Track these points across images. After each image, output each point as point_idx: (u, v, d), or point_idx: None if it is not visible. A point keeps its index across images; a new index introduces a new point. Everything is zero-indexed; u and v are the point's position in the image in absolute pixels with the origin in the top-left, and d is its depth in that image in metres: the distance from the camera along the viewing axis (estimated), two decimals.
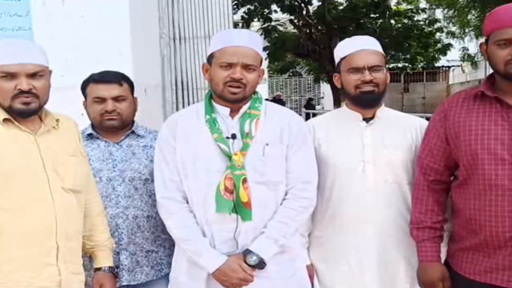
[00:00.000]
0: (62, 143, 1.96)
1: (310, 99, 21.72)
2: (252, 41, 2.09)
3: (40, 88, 1.87)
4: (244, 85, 2.04)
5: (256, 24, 13.75)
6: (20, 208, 1.80)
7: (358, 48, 2.23)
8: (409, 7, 15.03)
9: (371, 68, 2.19)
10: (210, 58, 2.12)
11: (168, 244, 2.35)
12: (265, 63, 15.53)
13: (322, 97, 24.23)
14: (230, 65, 2.03)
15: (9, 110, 1.85)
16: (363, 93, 2.21)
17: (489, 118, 1.94)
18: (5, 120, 1.85)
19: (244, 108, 2.11)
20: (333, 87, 12.29)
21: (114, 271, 2.17)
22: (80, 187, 1.99)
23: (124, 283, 2.29)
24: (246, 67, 2.04)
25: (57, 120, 1.97)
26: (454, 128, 2.01)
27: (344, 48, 2.29)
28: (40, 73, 1.87)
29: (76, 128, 2.10)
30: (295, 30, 13.87)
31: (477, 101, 1.99)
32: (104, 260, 2.14)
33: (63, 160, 1.93)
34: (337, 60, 2.32)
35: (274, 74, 20.09)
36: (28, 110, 1.86)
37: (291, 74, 21.47)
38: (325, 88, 20.44)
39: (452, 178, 2.13)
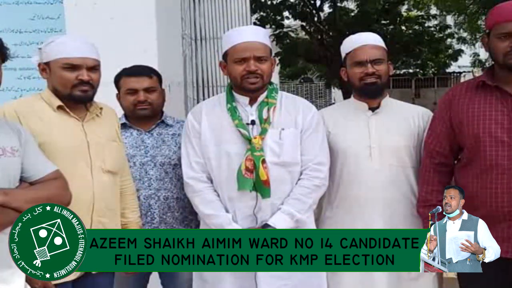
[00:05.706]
0: (104, 129, 2.18)
1: None
2: (258, 34, 2.29)
3: (96, 79, 2.12)
4: (260, 75, 2.25)
5: (268, 31, 13.89)
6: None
7: (361, 44, 2.40)
8: (419, 13, 15.05)
9: (373, 61, 2.37)
10: (225, 56, 2.32)
11: (194, 224, 2.54)
12: (276, 69, 15.62)
13: (333, 103, 24.24)
14: (243, 60, 2.23)
15: (67, 97, 2.07)
16: (367, 85, 2.38)
17: (490, 105, 2.10)
18: (58, 107, 2.07)
19: (262, 97, 2.31)
20: (344, 93, 12.38)
21: None
22: (117, 170, 2.21)
23: None
24: (258, 59, 2.24)
25: (101, 109, 2.20)
26: (458, 115, 2.17)
27: (348, 44, 2.47)
28: (96, 67, 2.12)
29: (116, 116, 2.32)
30: (306, 36, 13.98)
31: (479, 90, 2.16)
32: None
33: (104, 144, 2.14)
34: (343, 55, 2.49)
35: (285, 80, 20.19)
36: (86, 97, 2.10)
37: (302, 80, 21.53)
38: (337, 94, 20.50)
39: (455, 161, 2.28)
